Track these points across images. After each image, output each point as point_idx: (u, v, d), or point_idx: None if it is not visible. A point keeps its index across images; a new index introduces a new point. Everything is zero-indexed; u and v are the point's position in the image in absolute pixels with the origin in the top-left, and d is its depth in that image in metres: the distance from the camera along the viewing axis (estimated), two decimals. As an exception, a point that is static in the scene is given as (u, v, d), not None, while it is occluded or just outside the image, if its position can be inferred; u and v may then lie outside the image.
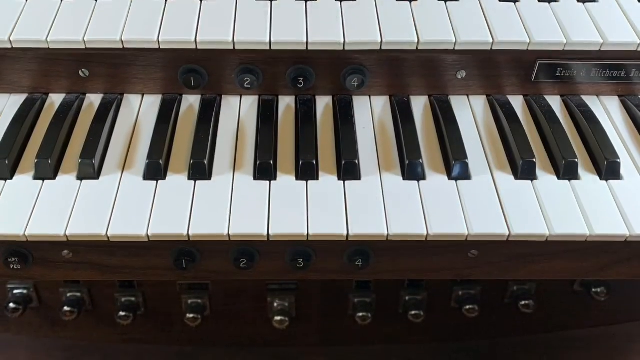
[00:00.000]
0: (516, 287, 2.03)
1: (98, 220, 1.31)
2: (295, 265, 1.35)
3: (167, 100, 1.59)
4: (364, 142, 1.50)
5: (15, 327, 2.14)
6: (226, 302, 2.08)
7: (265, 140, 1.48)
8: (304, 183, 1.40)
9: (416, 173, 1.41)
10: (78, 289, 2.02)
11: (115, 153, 1.47)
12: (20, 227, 1.30)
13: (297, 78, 1.56)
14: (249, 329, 2.15)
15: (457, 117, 1.54)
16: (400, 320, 2.10)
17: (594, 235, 1.31)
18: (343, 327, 2.14)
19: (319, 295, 2.07)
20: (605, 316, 2.16)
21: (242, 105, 1.60)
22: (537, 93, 1.62)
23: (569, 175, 1.42)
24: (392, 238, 1.30)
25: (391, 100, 1.61)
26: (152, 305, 2.08)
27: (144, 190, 1.38)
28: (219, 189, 1.38)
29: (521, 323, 2.14)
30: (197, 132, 1.49)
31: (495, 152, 1.48)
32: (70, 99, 1.58)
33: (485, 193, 1.38)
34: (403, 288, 2.04)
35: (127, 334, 2.15)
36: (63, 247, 1.34)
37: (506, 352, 2.16)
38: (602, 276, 1.41)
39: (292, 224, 1.31)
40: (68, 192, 1.37)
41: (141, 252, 1.35)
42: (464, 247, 1.35)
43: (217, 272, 1.39)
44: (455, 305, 2.07)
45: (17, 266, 1.34)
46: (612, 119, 1.57)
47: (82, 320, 2.07)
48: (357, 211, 1.33)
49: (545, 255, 1.37)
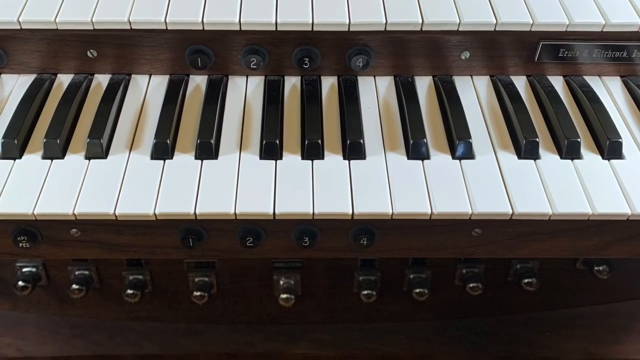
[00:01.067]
0: (519, 266, 2.04)
1: (106, 200, 1.32)
2: (300, 243, 1.35)
3: (174, 80, 1.60)
4: (369, 122, 1.51)
5: (24, 305, 2.15)
6: (232, 280, 2.10)
7: (271, 120, 1.48)
8: (310, 162, 1.40)
9: (420, 152, 1.42)
10: (86, 267, 2.03)
11: (123, 133, 1.48)
12: (29, 206, 1.30)
13: (302, 59, 1.57)
14: (255, 307, 2.16)
15: (461, 97, 1.55)
16: (404, 298, 2.12)
17: (596, 214, 1.31)
18: (348, 304, 2.16)
19: (324, 273, 2.08)
20: (607, 294, 2.17)
21: (248, 86, 1.60)
22: (540, 73, 1.63)
23: (571, 155, 1.43)
24: (396, 217, 1.31)
25: (396, 81, 1.62)
26: (159, 283, 2.09)
27: (151, 170, 1.39)
28: (225, 169, 1.39)
29: (524, 301, 2.15)
30: (204, 112, 1.50)
31: (499, 132, 1.49)
32: (79, 79, 1.59)
33: (488, 172, 1.39)
34: (407, 266, 2.05)
35: (135, 312, 2.16)
36: (71, 225, 1.34)
37: (509, 330, 2.16)
38: (604, 255, 1.42)
39: (297, 203, 1.31)
40: (76, 171, 1.38)
41: (148, 231, 1.36)
42: (468, 226, 1.36)
43: (224, 250, 1.39)
44: (459, 283, 2.08)
45: (26, 245, 1.35)
46: (614, 99, 1.58)
47: (90, 298, 2.09)
48: (362, 190, 1.34)
49: (548, 234, 1.37)
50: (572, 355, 2.11)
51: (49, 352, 2.13)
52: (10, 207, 1.31)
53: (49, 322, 2.17)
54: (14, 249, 1.37)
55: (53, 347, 2.13)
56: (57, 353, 2.12)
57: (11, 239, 1.35)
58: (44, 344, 2.14)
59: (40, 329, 2.17)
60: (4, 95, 1.56)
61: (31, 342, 2.14)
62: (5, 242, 1.36)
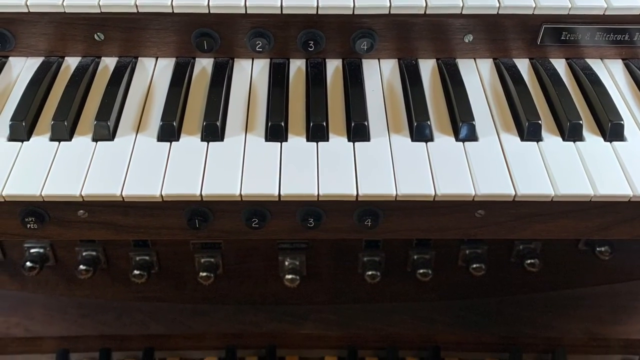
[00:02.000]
0: (522, 246, 2.05)
1: (113, 181, 1.33)
2: (305, 224, 1.36)
3: (181, 63, 1.61)
4: (373, 105, 1.51)
5: (32, 286, 2.17)
6: (238, 261, 2.11)
7: (276, 102, 1.49)
8: (315, 144, 1.41)
9: (424, 134, 1.43)
10: (93, 248, 2.04)
11: (130, 115, 1.49)
12: (37, 188, 1.31)
13: (307, 42, 1.58)
14: (260, 287, 2.18)
15: (464, 80, 1.56)
16: (408, 278, 2.13)
17: (598, 195, 1.32)
18: (352, 285, 2.17)
19: (329, 254, 2.09)
20: (609, 275, 2.18)
21: (253, 69, 1.61)
22: (542, 56, 1.63)
23: (573, 137, 1.43)
24: (400, 198, 1.32)
25: (400, 64, 1.62)
26: (165, 264, 2.11)
27: (157, 152, 1.39)
28: (231, 150, 1.40)
29: (527, 281, 2.17)
30: (210, 95, 1.50)
31: (502, 114, 1.50)
32: (86, 62, 1.60)
33: (491, 154, 1.40)
34: (411, 247, 2.06)
35: (142, 292, 2.18)
36: (78, 207, 1.35)
37: (512, 310, 2.17)
38: (606, 235, 1.42)
39: (302, 185, 1.32)
40: (83, 153, 1.39)
41: (155, 212, 1.37)
42: (471, 207, 1.37)
43: (230, 231, 1.40)
44: (463, 264, 2.09)
45: (34, 226, 1.36)
46: (616, 82, 1.58)
47: (97, 278, 2.10)
48: (367, 172, 1.35)
49: (551, 215, 1.38)
50: (574, 335, 2.12)
51: (56, 332, 2.14)
52: (19, 189, 1.32)
53: (56, 302, 2.19)
54: (22, 230, 1.38)
55: (61, 327, 2.15)
56: (65, 333, 2.14)
57: (19, 220, 1.36)
58: (51, 324, 2.15)
59: (48, 309, 2.18)
60: (12, 78, 1.57)
61: (39, 322, 2.15)
62: (13, 223, 1.37)
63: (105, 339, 2.14)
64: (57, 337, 2.13)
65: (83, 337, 2.13)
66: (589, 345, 2.12)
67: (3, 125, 1.44)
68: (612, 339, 2.11)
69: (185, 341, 2.15)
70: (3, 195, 1.31)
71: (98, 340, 2.13)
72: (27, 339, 2.13)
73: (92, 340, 2.13)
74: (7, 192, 1.31)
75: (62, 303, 2.18)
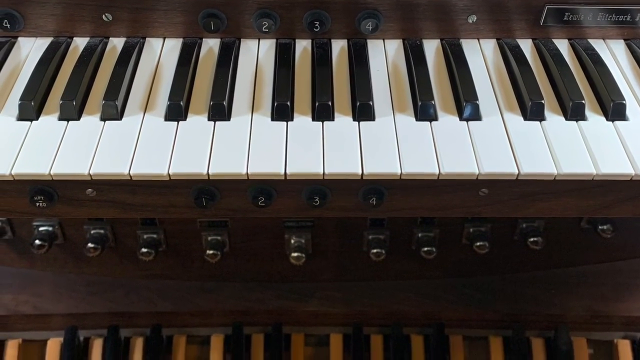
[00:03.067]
0: (525, 225, 2.06)
1: (121, 160, 1.34)
2: (311, 203, 1.37)
3: (188, 43, 1.62)
4: (378, 84, 1.52)
5: (41, 263, 2.18)
6: (245, 239, 2.12)
7: (282, 82, 1.50)
8: (320, 124, 1.42)
9: (428, 114, 1.44)
10: (101, 226, 2.06)
11: (138, 95, 1.50)
12: (46, 167, 1.32)
13: (313, 22, 1.59)
14: (266, 265, 2.19)
15: (468, 60, 1.57)
16: (412, 256, 2.14)
17: (600, 174, 1.33)
18: (357, 263, 2.18)
19: (335, 232, 2.11)
20: (611, 252, 2.19)
21: (260, 49, 1.62)
22: (545, 37, 1.64)
23: (576, 116, 1.44)
24: (405, 177, 1.33)
25: (404, 44, 1.63)
26: (173, 242, 2.12)
27: (165, 131, 1.40)
28: (237, 130, 1.41)
29: (529, 259, 2.18)
30: (217, 75, 1.51)
31: (505, 94, 1.51)
32: (94, 42, 1.61)
33: (495, 133, 1.41)
34: (416, 225, 2.08)
35: (149, 270, 2.19)
36: (87, 185, 1.36)
37: (515, 288, 2.18)
38: (608, 214, 1.43)
39: (308, 164, 1.33)
40: (92, 132, 1.40)
41: (162, 191, 1.38)
42: (475, 186, 1.37)
43: (236, 209, 1.41)
44: (466, 242, 2.11)
45: (43, 204, 1.37)
46: (618, 62, 1.59)
47: (105, 256, 2.12)
48: (372, 151, 1.36)
49: (553, 194, 1.39)
50: (577, 312, 2.13)
51: (65, 310, 2.15)
52: (28, 168, 1.33)
53: (65, 280, 2.20)
54: (30, 209, 1.39)
55: (69, 305, 2.15)
56: (74, 310, 2.15)
57: (28, 199, 1.37)
58: (60, 301, 2.16)
59: (57, 286, 2.19)
60: (21, 59, 1.59)
61: (48, 299, 2.16)
62: (22, 201, 1.38)
63: (114, 316, 2.15)
64: (65, 314, 2.14)
65: (91, 314, 2.15)
66: (591, 322, 2.12)
67: (12, 105, 1.46)
68: (614, 316, 2.12)
69: (192, 318, 2.16)
70: (12, 174, 1.32)
71: (106, 317, 2.15)
72: (36, 316, 2.14)
73: (101, 317, 2.15)
74: (16, 171, 1.32)
75: (70, 280, 2.20)
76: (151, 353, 2.13)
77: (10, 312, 2.13)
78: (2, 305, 2.14)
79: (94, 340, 2.16)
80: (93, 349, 2.15)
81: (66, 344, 2.12)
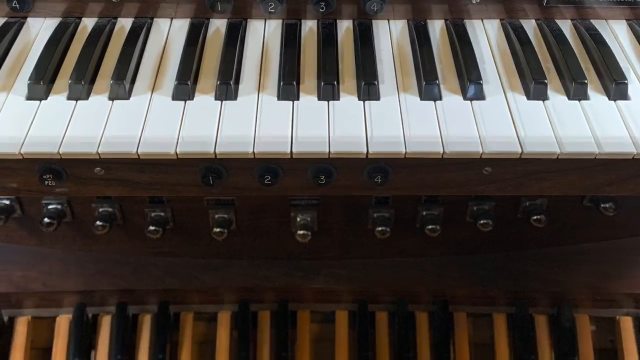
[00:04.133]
0: (528, 203, 2.07)
1: (129, 139, 1.35)
2: (317, 181, 1.38)
3: (195, 24, 1.63)
4: (383, 65, 1.54)
5: (50, 241, 2.20)
6: (251, 217, 2.13)
7: (288, 62, 1.51)
8: (326, 103, 1.43)
9: (433, 94, 1.45)
10: (110, 204, 2.07)
11: (146, 75, 1.51)
12: (55, 146, 1.33)
13: (319, 2, 1.60)
14: (273, 243, 2.20)
15: (472, 41, 1.58)
16: (417, 234, 2.15)
17: (602, 153, 1.34)
18: (362, 240, 2.19)
19: (340, 210, 2.12)
20: (613, 230, 2.20)
21: (266, 29, 1.64)
22: (548, 17, 1.66)
23: (578, 96, 1.45)
24: (409, 156, 1.34)
25: (409, 25, 1.65)
26: (180, 220, 2.13)
27: (173, 110, 1.42)
28: (244, 109, 1.42)
29: (533, 237, 2.19)
30: (224, 55, 1.53)
31: (509, 74, 1.52)
32: (102, 22, 1.63)
33: (498, 113, 1.42)
34: (420, 203, 2.09)
35: (157, 248, 2.20)
36: (95, 164, 1.37)
37: (518, 265, 2.19)
38: (610, 192, 1.45)
39: (314, 143, 1.35)
40: (100, 112, 1.41)
41: (170, 170, 1.39)
42: (479, 165, 1.38)
43: (243, 188, 1.42)
44: (470, 219, 2.11)
45: (52, 183, 1.38)
46: (620, 42, 1.61)
47: (113, 234, 2.13)
48: (377, 130, 1.37)
49: (556, 172, 1.40)
50: (579, 290, 2.14)
51: (73, 287, 2.16)
52: (37, 147, 1.34)
53: (74, 257, 2.21)
54: (40, 187, 1.40)
55: (78, 282, 2.17)
56: (82, 287, 2.16)
57: (37, 177, 1.38)
58: (68, 278, 2.18)
59: (66, 263, 2.20)
60: (30, 39, 1.60)
61: (57, 276, 2.18)
62: (31, 180, 1.39)
63: (122, 293, 2.16)
64: (74, 291, 2.16)
65: (100, 291, 2.16)
66: (593, 299, 2.13)
67: (22, 85, 1.47)
68: (616, 293, 2.13)
69: (200, 295, 2.18)
70: (22, 153, 1.33)
71: (114, 294, 2.16)
72: (45, 293, 2.16)
73: (109, 294, 2.16)
74: (26, 150, 1.33)
75: (79, 258, 2.21)
76: (159, 330, 2.15)
77: (19, 289, 2.15)
78: (11, 283, 2.16)
79: (102, 317, 2.18)
80: (101, 326, 2.17)
81: (75, 320, 2.14)
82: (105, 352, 2.14)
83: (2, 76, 1.51)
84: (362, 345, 2.13)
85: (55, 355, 2.14)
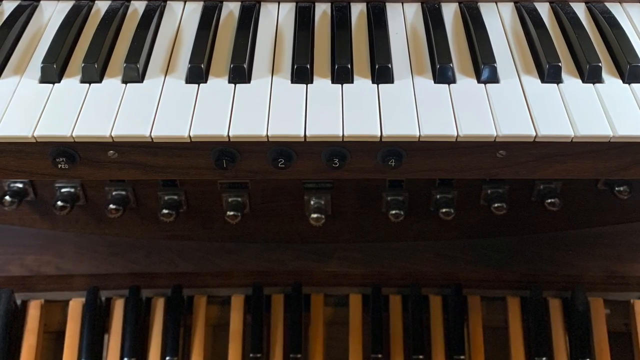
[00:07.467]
0: (542, 186, 2.06)
1: (142, 122, 1.35)
2: (330, 164, 1.38)
3: (208, 7, 1.63)
4: (397, 48, 1.53)
5: (63, 224, 2.20)
6: (265, 200, 2.13)
7: (302, 45, 1.51)
8: (339, 86, 1.43)
9: (447, 77, 1.45)
10: (123, 187, 2.07)
11: (159, 58, 1.51)
12: (68, 129, 1.34)
13: (332, -15, 1.60)
14: (286, 226, 2.20)
15: (486, 23, 1.58)
16: (431, 217, 2.15)
17: (617, 136, 1.34)
18: (376, 224, 2.19)
19: (354, 193, 2.12)
20: (627, 214, 2.19)
21: (280, 12, 1.64)
22: (562, 0, 1.65)
23: (593, 79, 1.45)
24: (423, 139, 1.34)
25: (423, 8, 1.64)
26: (193, 203, 2.13)
27: (186, 93, 1.42)
28: (257, 92, 1.42)
29: (547, 220, 2.18)
30: (237, 38, 1.53)
31: (523, 57, 1.51)
32: (116, 5, 1.63)
33: (512, 96, 1.42)
34: (434, 187, 2.08)
35: (170, 231, 2.21)
36: (108, 147, 1.38)
37: (532, 248, 2.19)
38: (624, 175, 1.44)
39: (327, 126, 1.34)
40: (113, 95, 1.42)
41: (183, 153, 1.39)
42: (493, 148, 1.38)
43: (256, 171, 1.42)
44: (484, 203, 2.11)
45: (65, 166, 1.38)
46: (635, 25, 1.60)
47: (126, 217, 2.13)
48: (390, 113, 1.37)
49: (571, 156, 1.40)
50: (594, 273, 2.13)
51: (87, 270, 2.17)
52: (50, 130, 1.34)
53: (87, 240, 2.21)
54: (53, 170, 1.40)
55: (91, 265, 2.17)
56: (95, 271, 2.17)
57: (50, 161, 1.38)
58: (82, 262, 2.18)
59: (79, 247, 2.20)
60: (43, 22, 1.60)
61: (70, 260, 2.18)
62: (44, 163, 1.39)
63: (135, 277, 2.17)
64: (87, 275, 2.16)
65: (113, 275, 2.16)
66: (607, 282, 2.13)
67: (35, 68, 1.47)
68: (630, 276, 2.12)
69: (213, 279, 2.18)
70: (35, 136, 1.34)
71: (128, 277, 2.17)
72: (58, 276, 2.16)
73: (122, 277, 2.17)
74: (39, 133, 1.34)
75: (92, 241, 2.21)
76: (172, 313, 2.15)
77: (32, 272, 2.15)
78: (24, 266, 2.16)
79: (115, 300, 2.18)
80: (114, 309, 2.17)
81: (88, 304, 2.14)
82: (118, 336, 2.14)
83: (15, 59, 1.52)
84: (376, 328, 2.13)
85: (68, 338, 2.14)
